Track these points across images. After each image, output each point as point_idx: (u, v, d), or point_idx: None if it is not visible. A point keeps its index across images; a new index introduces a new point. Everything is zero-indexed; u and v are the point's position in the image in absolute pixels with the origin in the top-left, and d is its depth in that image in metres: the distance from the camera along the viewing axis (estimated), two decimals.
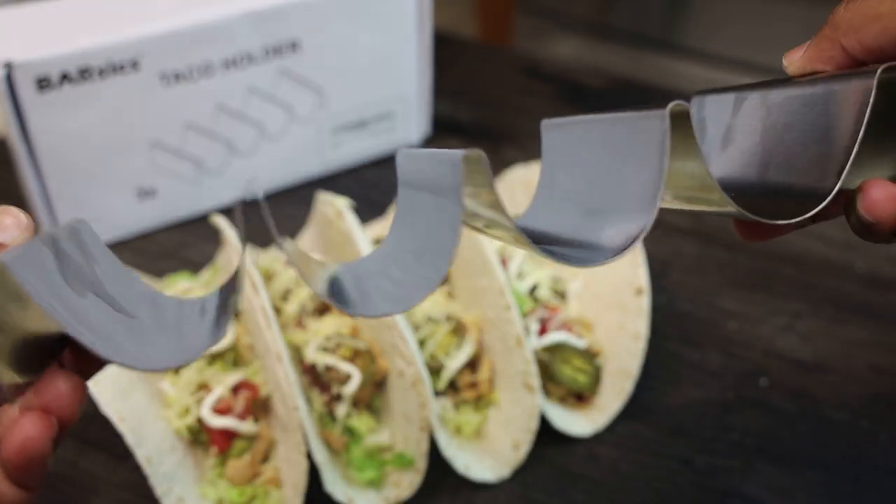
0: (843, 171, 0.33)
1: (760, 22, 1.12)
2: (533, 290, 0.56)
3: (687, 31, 1.23)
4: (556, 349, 0.54)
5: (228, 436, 0.49)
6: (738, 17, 1.15)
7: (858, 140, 0.33)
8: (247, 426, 0.49)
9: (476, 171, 0.28)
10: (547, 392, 0.54)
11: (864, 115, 0.33)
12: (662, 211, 0.31)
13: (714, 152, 0.41)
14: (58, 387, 0.27)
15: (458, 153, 0.28)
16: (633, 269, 0.55)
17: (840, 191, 0.33)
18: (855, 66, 0.34)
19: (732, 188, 0.39)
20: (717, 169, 0.41)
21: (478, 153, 0.27)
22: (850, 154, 0.33)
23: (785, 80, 0.38)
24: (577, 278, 0.59)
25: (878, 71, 0.32)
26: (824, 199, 0.33)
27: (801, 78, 0.37)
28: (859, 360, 0.58)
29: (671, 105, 0.30)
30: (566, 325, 0.55)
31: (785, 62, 0.37)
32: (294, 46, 0.66)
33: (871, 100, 0.32)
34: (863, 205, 0.33)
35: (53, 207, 0.63)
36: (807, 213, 0.33)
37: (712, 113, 0.41)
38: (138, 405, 0.49)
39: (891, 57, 0.33)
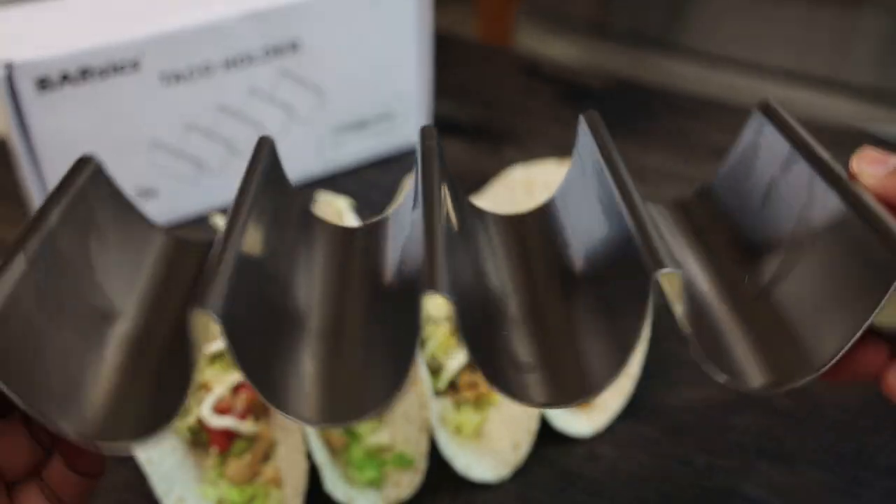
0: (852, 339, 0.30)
1: (761, 22, 1.12)
2: None
3: (687, 32, 1.23)
4: None
5: (228, 436, 0.49)
6: (738, 18, 1.15)
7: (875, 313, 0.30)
8: (247, 426, 0.49)
9: None
10: None
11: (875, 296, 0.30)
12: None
13: (755, 200, 0.38)
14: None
15: None
16: None
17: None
18: None
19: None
20: (754, 226, 0.37)
21: None
22: (864, 323, 0.30)
23: (844, 185, 0.33)
24: None
25: None
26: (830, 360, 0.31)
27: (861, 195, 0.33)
28: None
29: None
30: None
31: (854, 165, 0.33)
32: (294, 46, 0.66)
33: None
34: (884, 391, 0.33)
35: None
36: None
37: (767, 149, 0.37)
38: None
39: None
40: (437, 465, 0.50)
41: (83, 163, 0.36)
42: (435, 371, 0.52)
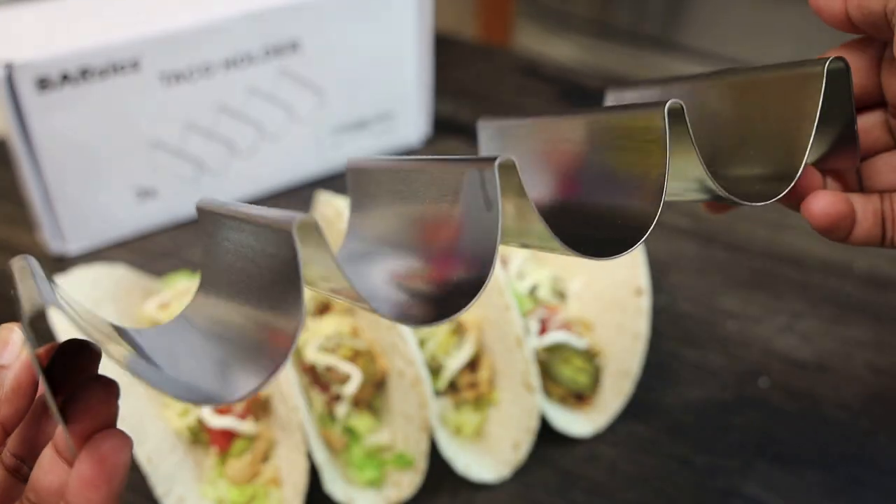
0: (804, 155, 0.35)
1: (759, 21, 1.12)
2: (533, 290, 0.56)
3: (686, 31, 1.23)
4: (556, 349, 0.54)
5: (228, 436, 0.49)
6: (737, 17, 1.15)
7: (815, 126, 0.34)
8: (247, 426, 0.49)
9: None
10: (547, 392, 0.54)
11: (818, 103, 0.34)
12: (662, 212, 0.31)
13: None
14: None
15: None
16: (632, 270, 0.55)
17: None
18: (849, 29, 0.35)
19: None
20: None
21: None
22: (809, 139, 0.34)
23: (711, 73, 0.39)
24: (576, 278, 0.59)
25: (827, 63, 0.34)
26: (790, 181, 0.35)
27: (738, 69, 0.38)
28: (859, 360, 0.58)
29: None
30: (566, 325, 0.55)
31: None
32: (294, 46, 0.66)
33: (823, 88, 0.34)
34: (808, 218, 0.36)
35: (53, 207, 0.63)
36: (777, 194, 0.35)
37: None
38: (138, 405, 0.49)
39: (865, 30, 0.34)
40: (437, 465, 0.50)
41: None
42: (435, 371, 0.52)
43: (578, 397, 0.55)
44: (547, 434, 0.52)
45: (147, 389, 0.50)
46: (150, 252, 0.66)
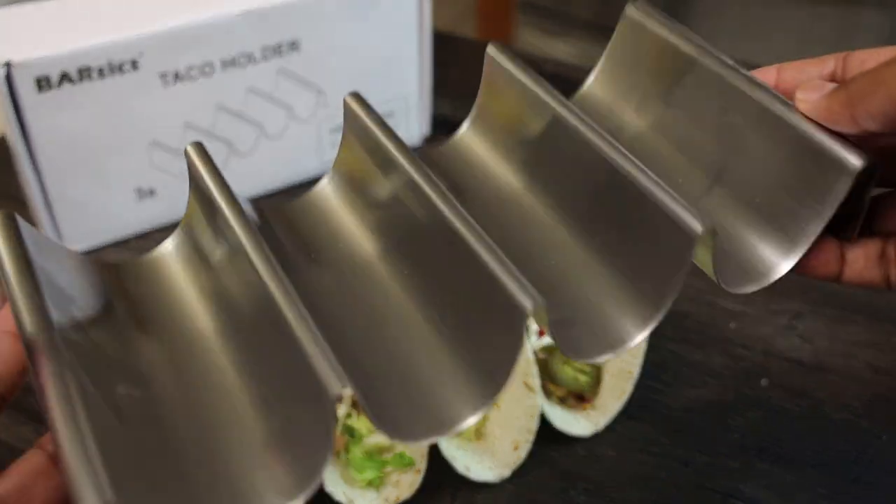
0: (803, 246, 0.35)
1: (760, 23, 1.12)
2: None
3: None
4: (557, 349, 0.54)
5: None
6: (737, 18, 1.15)
7: (825, 221, 0.34)
8: None
9: None
10: (547, 392, 0.54)
11: (836, 199, 0.34)
12: None
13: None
14: None
15: None
16: None
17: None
18: (860, 133, 0.34)
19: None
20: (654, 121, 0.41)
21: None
22: (813, 231, 0.35)
23: (755, 82, 0.38)
24: None
25: (858, 169, 0.33)
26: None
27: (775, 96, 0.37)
28: (859, 360, 0.58)
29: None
30: None
31: (799, 95, 0.36)
32: (294, 46, 0.66)
33: (846, 192, 0.34)
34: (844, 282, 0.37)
35: (53, 207, 0.63)
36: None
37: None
38: None
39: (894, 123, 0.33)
40: (437, 465, 0.50)
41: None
42: None
43: (579, 397, 0.55)
44: (547, 434, 0.52)
45: None
46: (149, 252, 0.66)
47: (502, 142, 0.43)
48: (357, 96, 0.40)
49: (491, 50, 0.41)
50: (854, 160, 0.33)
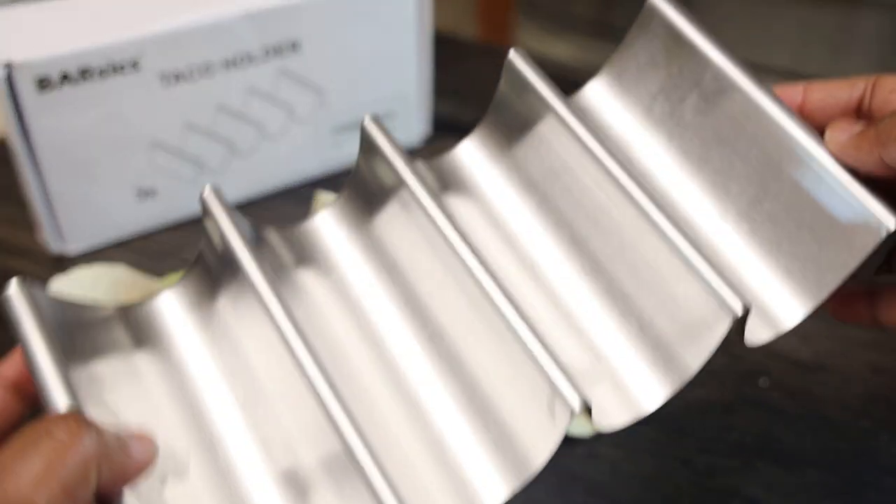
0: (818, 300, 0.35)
1: (760, 23, 1.12)
2: None
3: None
4: None
5: None
6: (738, 18, 1.15)
7: (847, 275, 0.33)
8: None
9: None
10: None
11: (851, 266, 0.33)
12: None
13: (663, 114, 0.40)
14: None
15: None
16: None
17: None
18: (888, 173, 0.33)
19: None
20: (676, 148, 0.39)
21: None
22: (828, 287, 0.34)
23: (786, 109, 0.36)
24: None
25: (887, 233, 0.32)
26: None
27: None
28: (859, 360, 0.58)
29: None
30: None
31: (828, 136, 0.35)
32: (294, 46, 0.66)
33: (869, 253, 0.33)
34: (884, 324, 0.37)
35: (53, 207, 0.63)
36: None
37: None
38: None
39: None
40: None
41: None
42: None
43: None
44: None
45: None
46: (150, 252, 0.66)
47: (510, 154, 0.43)
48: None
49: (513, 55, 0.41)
50: (887, 220, 0.32)
